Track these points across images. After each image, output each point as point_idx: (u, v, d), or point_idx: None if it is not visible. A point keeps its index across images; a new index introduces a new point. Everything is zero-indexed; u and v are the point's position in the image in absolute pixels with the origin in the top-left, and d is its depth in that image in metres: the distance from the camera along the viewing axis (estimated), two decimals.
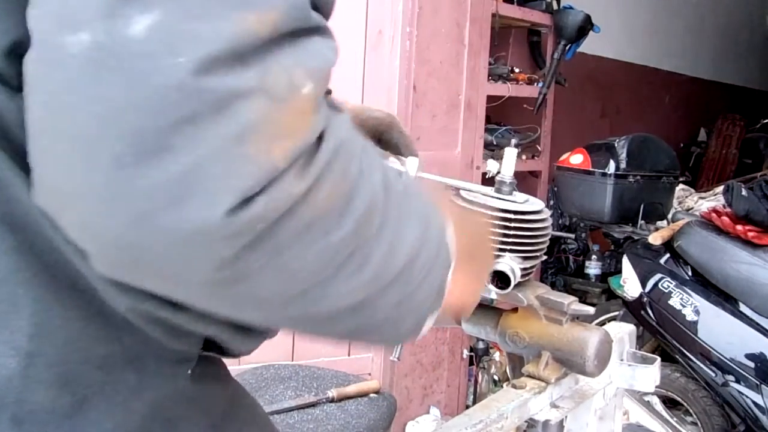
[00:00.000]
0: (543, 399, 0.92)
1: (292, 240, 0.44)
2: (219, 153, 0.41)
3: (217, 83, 0.40)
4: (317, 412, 1.71)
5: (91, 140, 0.40)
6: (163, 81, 0.39)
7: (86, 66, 0.39)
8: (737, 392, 2.50)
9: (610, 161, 3.13)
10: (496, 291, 0.92)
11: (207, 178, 0.41)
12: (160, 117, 0.40)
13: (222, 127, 0.41)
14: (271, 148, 0.42)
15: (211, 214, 0.41)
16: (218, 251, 0.42)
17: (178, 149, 0.40)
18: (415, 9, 2.73)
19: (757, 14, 6.95)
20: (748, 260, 2.51)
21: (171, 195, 0.40)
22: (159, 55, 0.39)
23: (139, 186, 0.40)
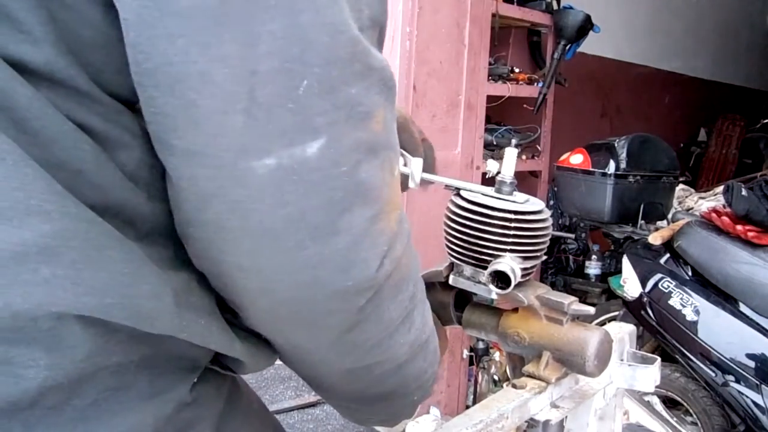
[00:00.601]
0: (543, 399, 0.92)
1: (389, 295, 0.59)
2: (366, 230, 0.55)
3: (362, 179, 0.54)
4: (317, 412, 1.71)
5: (278, 233, 0.52)
6: (330, 186, 0.52)
7: (272, 182, 0.51)
8: (737, 392, 2.50)
9: (610, 161, 3.13)
10: (496, 291, 0.92)
11: (361, 249, 0.55)
12: (329, 211, 0.53)
13: (366, 211, 0.55)
14: (390, 220, 0.57)
15: (366, 274, 0.56)
16: (357, 302, 0.57)
17: (341, 232, 0.54)
18: (415, 9, 2.72)
19: (757, 14, 6.95)
20: (748, 260, 2.51)
21: (338, 264, 0.54)
22: (327, 168, 0.52)
23: (314, 260, 0.54)
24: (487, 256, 0.94)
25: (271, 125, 0.50)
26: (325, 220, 0.53)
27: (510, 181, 0.98)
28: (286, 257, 0.53)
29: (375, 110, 0.55)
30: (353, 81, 0.53)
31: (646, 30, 5.59)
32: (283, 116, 0.50)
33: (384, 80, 0.57)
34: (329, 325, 0.59)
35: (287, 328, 0.61)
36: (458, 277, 0.99)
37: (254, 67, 0.49)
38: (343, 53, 0.52)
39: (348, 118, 0.53)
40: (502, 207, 0.95)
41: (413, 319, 0.64)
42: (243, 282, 0.56)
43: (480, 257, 0.95)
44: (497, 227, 0.94)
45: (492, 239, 0.94)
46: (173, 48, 0.49)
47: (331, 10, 0.52)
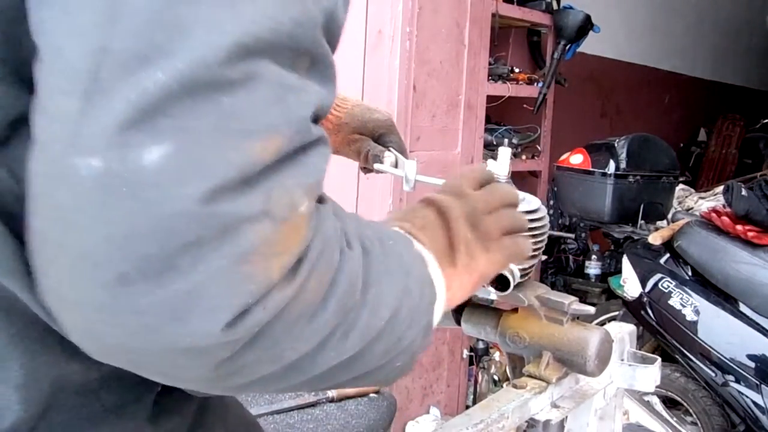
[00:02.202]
0: (544, 399, 0.92)
1: (283, 334, 0.48)
2: (221, 273, 0.44)
3: (223, 210, 0.43)
4: (317, 412, 1.70)
5: (97, 259, 0.42)
6: (171, 210, 0.42)
7: (97, 190, 0.42)
8: (737, 392, 2.50)
9: (610, 161, 3.13)
10: (495, 292, 0.92)
11: (208, 296, 0.44)
12: (166, 242, 0.42)
13: (225, 249, 0.43)
14: (269, 266, 0.46)
15: (210, 329, 0.44)
16: (216, 356, 0.46)
17: (182, 270, 0.43)
18: (415, 9, 2.72)
19: (757, 14, 6.95)
20: (748, 260, 2.51)
21: (173, 312, 0.43)
22: (169, 185, 0.42)
23: (142, 302, 0.43)
24: None
25: (105, 116, 0.41)
26: (159, 253, 0.42)
27: (505, 180, 0.98)
28: (107, 292, 0.43)
29: (261, 132, 0.45)
30: (229, 90, 0.44)
31: (646, 30, 5.59)
32: (123, 108, 0.41)
33: (285, 103, 0.47)
34: (187, 379, 0.49)
35: (144, 374, 0.50)
36: None
37: (106, 44, 0.42)
38: (220, 52, 0.43)
39: (212, 130, 0.43)
40: None
41: (351, 323, 0.53)
42: (67, 317, 0.46)
43: None
44: None
45: None
46: (38, 16, 0.43)
47: (221, 10, 0.44)
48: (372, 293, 0.55)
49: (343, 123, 1.13)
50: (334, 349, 0.53)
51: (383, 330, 0.57)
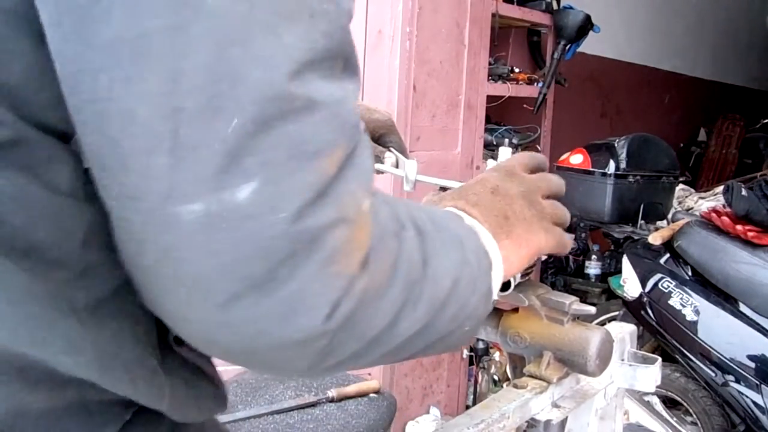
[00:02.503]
0: (544, 399, 0.92)
1: (363, 316, 0.54)
2: (315, 277, 0.50)
3: (307, 225, 0.49)
4: (317, 412, 1.70)
5: (211, 285, 0.48)
6: (267, 235, 0.48)
7: (201, 230, 0.47)
8: (737, 392, 2.50)
9: (610, 161, 3.14)
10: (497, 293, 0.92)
11: (308, 297, 0.50)
12: (267, 261, 0.48)
13: (315, 256, 0.50)
14: (350, 262, 0.52)
15: (313, 323, 0.51)
16: (318, 344, 0.52)
17: (283, 280, 0.49)
18: (415, 9, 2.72)
19: (757, 14, 6.95)
20: (748, 260, 2.51)
21: (281, 315, 0.50)
22: (262, 214, 0.48)
23: (254, 312, 0.49)
24: None
25: (197, 167, 0.46)
26: (262, 271, 0.48)
27: None
28: (222, 310, 0.49)
29: (327, 149, 0.50)
30: (293, 118, 0.48)
31: (646, 30, 5.59)
32: (211, 157, 0.46)
33: (339, 116, 0.52)
34: (293, 368, 0.55)
35: (250, 368, 0.59)
36: None
37: (178, 104, 0.46)
38: (280, 89, 0.48)
39: (289, 158, 0.48)
40: None
41: (418, 296, 0.59)
42: (187, 331, 0.53)
43: None
44: None
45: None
46: (96, 84, 0.46)
47: (264, 42, 0.48)
48: (432, 267, 0.61)
49: None
50: (407, 320, 0.58)
51: (447, 298, 0.63)
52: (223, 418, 1.59)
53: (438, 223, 0.66)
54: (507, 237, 0.75)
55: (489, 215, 0.75)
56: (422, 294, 0.60)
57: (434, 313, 0.61)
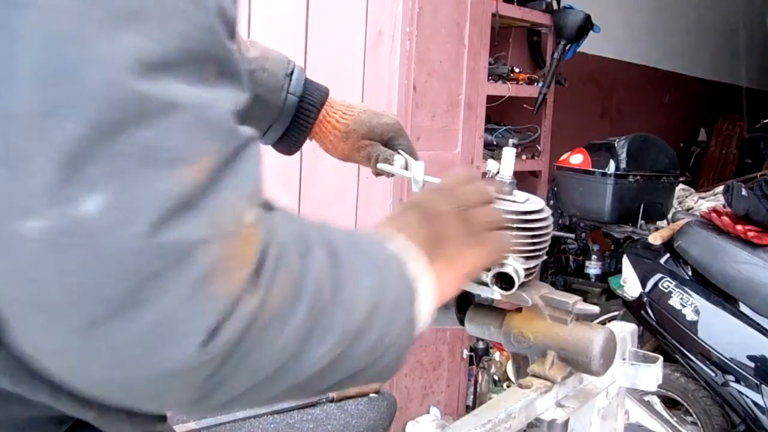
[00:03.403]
0: (549, 398, 0.92)
1: (256, 343, 0.49)
2: (186, 299, 0.45)
3: (172, 239, 0.44)
4: (317, 412, 1.70)
5: (64, 309, 0.44)
6: (123, 249, 0.43)
7: (46, 248, 0.42)
8: (737, 392, 2.50)
9: (610, 161, 3.13)
10: (500, 292, 0.92)
11: (178, 322, 0.45)
12: (126, 281, 0.44)
13: (184, 276, 0.45)
14: (229, 281, 0.47)
15: (185, 352, 0.46)
16: (197, 377, 0.47)
17: (148, 303, 0.44)
18: (415, 9, 2.72)
19: (757, 14, 6.95)
20: (748, 260, 2.51)
21: (147, 343, 0.45)
22: (114, 228, 0.43)
23: (116, 339, 0.44)
24: None
25: (33, 179, 0.42)
26: (123, 292, 0.43)
27: (510, 180, 0.98)
28: (80, 336, 0.44)
29: (189, 156, 0.46)
30: (144, 122, 0.44)
31: (646, 30, 5.59)
32: (48, 168, 0.42)
33: (205, 120, 0.48)
34: (174, 402, 0.51)
35: (128, 403, 0.52)
36: None
37: (9, 110, 0.42)
38: (125, 92, 0.43)
39: (141, 166, 0.44)
40: (503, 208, 0.95)
41: (328, 322, 0.54)
42: (48, 364, 0.47)
43: None
44: None
45: None
46: None
47: (106, 41, 0.43)
48: (344, 293, 0.56)
49: (351, 130, 1.13)
50: (314, 353, 0.53)
51: (362, 328, 0.57)
52: (223, 418, 1.59)
53: (355, 247, 0.61)
54: (439, 259, 0.70)
55: (417, 239, 0.70)
56: (332, 323, 0.54)
57: (348, 342, 0.56)
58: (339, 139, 1.13)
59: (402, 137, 1.14)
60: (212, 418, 1.57)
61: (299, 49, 2.55)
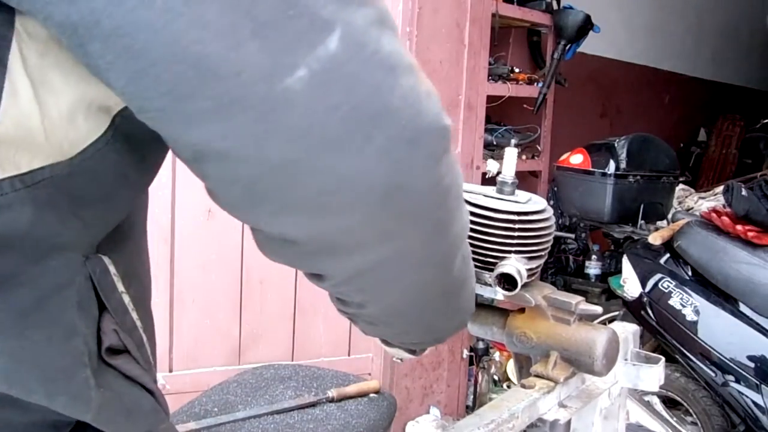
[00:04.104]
0: (552, 399, 0.92)
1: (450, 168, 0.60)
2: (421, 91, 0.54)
3: (389, 50, 0.52)
4: (317, 412, 1.70)
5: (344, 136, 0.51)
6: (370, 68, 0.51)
7: (314, 90, 0.49)
8: (737, 392, 2.50)
9: (610, 161, 3.13)
10: (503, 293, 0.92)
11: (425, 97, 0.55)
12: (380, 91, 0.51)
13: (409, 77, 0.53)
14: (426, 81, 0.56)
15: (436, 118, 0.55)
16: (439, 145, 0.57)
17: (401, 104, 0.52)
18: (415, 9, 2.72)
19: (757, 14, 6.95)
20: (748, 260, 2.51)
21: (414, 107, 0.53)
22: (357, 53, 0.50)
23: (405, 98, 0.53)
24: (492, 258, 0.94)
25: (285, 37, 0.48)
26: (381, 104, 0.51)
27: (511, 181, 0.98)
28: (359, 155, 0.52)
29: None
30: None
31: (646, 30, 5.59)
32: (292, 24, 0.48)
33: None
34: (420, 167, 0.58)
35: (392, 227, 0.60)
36: None
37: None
38: None
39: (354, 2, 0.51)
40: (505, 208, 0.94)
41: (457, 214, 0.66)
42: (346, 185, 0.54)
43: (485, 259, 0.95)
44: (501, 229, 0.94)
45: (497, 241, 0.94)
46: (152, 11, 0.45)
47: None
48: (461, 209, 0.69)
49: None
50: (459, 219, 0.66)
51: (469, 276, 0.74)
52: (223, 418, 1.58)
53: None
54: None
55: None
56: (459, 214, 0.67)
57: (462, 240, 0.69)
58: None
59: None
60: (212, 418, 1.57)
61: None
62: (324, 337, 2.75)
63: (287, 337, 2.70)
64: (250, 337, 2.63)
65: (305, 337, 2.70)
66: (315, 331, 2.73)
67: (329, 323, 2.74)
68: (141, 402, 0.65)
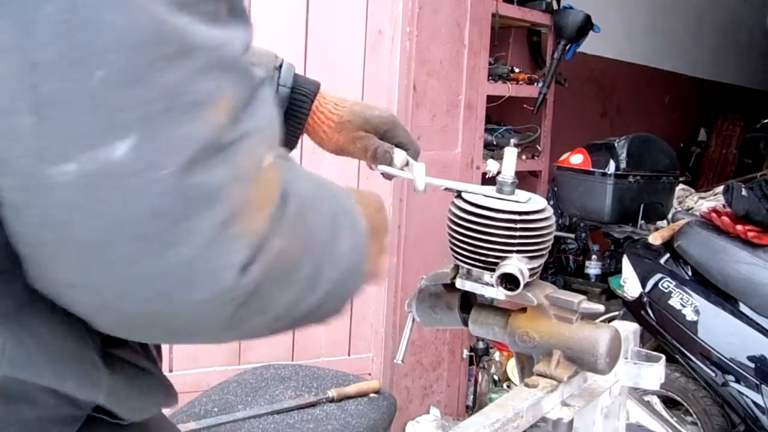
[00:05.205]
0: (555, 398, 0.92)
1: (271, 290, 0.53)
2: (214, 238, 0.48)
3: (199, 181, 0.47)
4: (317, 412, 1.70)
5: (99, 246, 0.46)
6: (153, 191, 0.45)
7: (80, 190, 0.45)
8: (737, 392, 2.50)
9: (610, 161, 3.13)
10: (505, 293, 0.92)
11: (209, 259, 0.48)
12: (158, 221, 0.46)
13: (212, 217, 0.47)
14: (253, 221, 0.50)
15: (221, 287, 0.49)
16: (222, 313, 0.50)
17: (180, 242, 0.47)
18: (415, 9, 2.72)
19: (757, 14, 6.96)
20: (748, 260, 2.51)
21: (180, 279, 0.48)
22: (144, 171, 0.45)
23: (150, 275, 0.47)
24: (493, 258, 0.94)
25: (65, 125, 0.44)
26: (155, 231, 0.46)
27: (511, 180, 0.98)
28: (116, 271, 0.47)
29: (211, 98, 0.48)
30: (166, 66, 0.45)
31: (646, 30, 5.59)
32: (78, 114, 0.44)
33: (222, 62, 0.49)
34: (201, 332, 0.54)
35: (158, 338, 0.57)
36: (465, 280, 0.98)
37: (34, 59, 0.43)
38: (146, 34, 0.45)
39: (167, 110, 0.46)
40: (506, 208, 0.94)
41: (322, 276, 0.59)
42: (80, 299, 0.50)
43: (486, 259, 0.95)
44: (503, 229, 0.94)
45: (498, 241, 0.94)
46: None
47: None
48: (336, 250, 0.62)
49: (346, 121, 1.10)
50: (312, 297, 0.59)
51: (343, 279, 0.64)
52: (223, 418, 1.58)
53: (346, 213, 0.66)
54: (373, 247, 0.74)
55: None
56: (327, 275, 0.60)
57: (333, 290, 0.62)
58: (333, 129, 1.11)
59: (398, 128, 1.11)
60: (212, 418, 1.57)
61: (299, 49, 2.54)
62: (324, 337, 2.75)
63: (287, 337, 2.70)
64: None
65: (305, 337, 2.70)
66: (315, 331, 2.73)
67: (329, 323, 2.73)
68: (151, 384, 0.66)
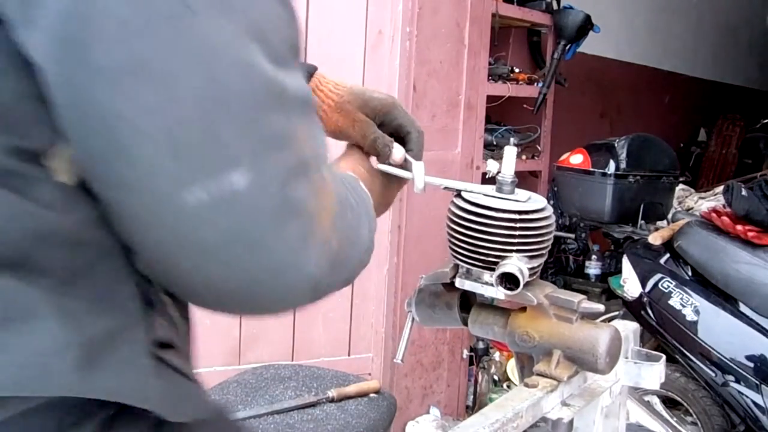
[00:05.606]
0: (555, 397, 0.92)
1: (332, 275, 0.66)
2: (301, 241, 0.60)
3: (290, 198, 0.59)
4: (317, 412, 1.70)
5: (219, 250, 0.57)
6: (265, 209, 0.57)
7: (204, 211, 0.55)
8: (737, 392, 2.50)
9: (610, 161, 3.13)
10: (505, 292, 0.92)
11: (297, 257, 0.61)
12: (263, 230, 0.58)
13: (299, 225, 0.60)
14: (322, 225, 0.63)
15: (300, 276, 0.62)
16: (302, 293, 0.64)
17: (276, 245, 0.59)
18: (415, 9, 2.72)
19: (757, 14, 6.96)
20: (748, 260, 2.51)
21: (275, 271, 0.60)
22: (254, 193, 0.56)
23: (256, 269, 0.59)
24: (493, 257, 0.94)
25: (196, 162, 0.55)
26: (261, 237, 0.58)
27: (511, 180, 0.98)
28: (229, 267, 0.58)
29: (296, 131, 0.60)
30: (270, 113, 0.57)
31: (646, 30, 5.59)
32: (207, 153, 0.55)
33: (301, 100, 0.61)
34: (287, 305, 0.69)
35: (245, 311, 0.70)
36: (464, 279, 0.98)
37: (176, 114, 0.54)
38: (257, 90, 0.56)
39: (269, 147, 0.57)
40: (506, 207, 0.94)
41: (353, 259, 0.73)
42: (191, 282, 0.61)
43: (486, 259, 0.95)
44: (503, 228, 0.94)
45: (498, 240, 0.94)
46: (99, 103, 0.52)
47: (243, 52, 0.56)
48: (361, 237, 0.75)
49: (346, 101, 1.08)
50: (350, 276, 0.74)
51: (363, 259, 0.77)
52: None
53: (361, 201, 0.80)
54: None
55: None
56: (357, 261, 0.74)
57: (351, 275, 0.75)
58: (332, 109, 1.08)
59: (397, 109, 1.10)
60: None
61: None
62: (324, 337, 2.75)
63: (287, 337, 2.70)
64: (250, 337, 2.62)
65: (305, 337, 2.70)
66: (315, 331, 2.73)
67: (329, 323, 2.74)
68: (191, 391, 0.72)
